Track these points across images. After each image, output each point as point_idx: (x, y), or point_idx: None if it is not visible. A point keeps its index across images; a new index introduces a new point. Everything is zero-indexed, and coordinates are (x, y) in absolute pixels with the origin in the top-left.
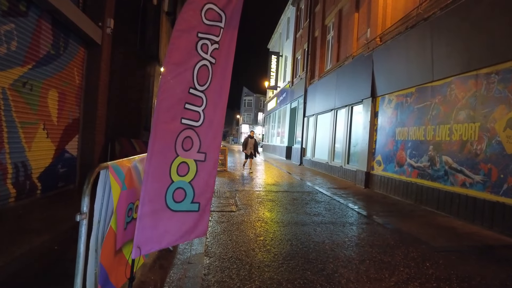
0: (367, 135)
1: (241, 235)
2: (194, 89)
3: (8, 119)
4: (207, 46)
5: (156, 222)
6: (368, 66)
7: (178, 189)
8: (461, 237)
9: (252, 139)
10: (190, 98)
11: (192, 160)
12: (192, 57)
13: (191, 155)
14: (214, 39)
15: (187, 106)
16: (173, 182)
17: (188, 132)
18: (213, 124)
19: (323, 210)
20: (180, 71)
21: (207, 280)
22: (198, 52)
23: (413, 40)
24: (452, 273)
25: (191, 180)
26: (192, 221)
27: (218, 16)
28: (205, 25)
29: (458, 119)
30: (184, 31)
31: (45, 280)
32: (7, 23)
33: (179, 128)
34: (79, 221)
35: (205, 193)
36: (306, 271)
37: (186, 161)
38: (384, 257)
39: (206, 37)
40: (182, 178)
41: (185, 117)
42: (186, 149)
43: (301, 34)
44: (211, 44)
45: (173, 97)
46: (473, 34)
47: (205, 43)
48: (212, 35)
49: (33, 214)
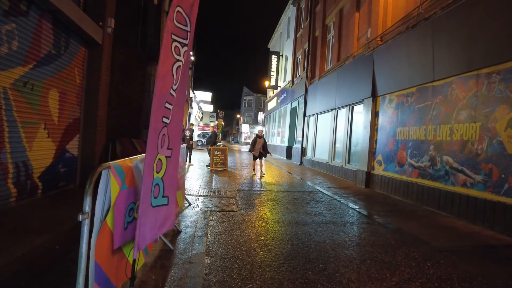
0: (368, 135)
1: (242, 234)
2: (172, 89)
3: (9, 119)
4: (179, 49)
5: (146, 219)
6: (368, 66)
7: (156, 185)
8: (462, 237)
9: (261, 139)
10: (169, 98)
11: (164, 156)
12: (171, 57)
13: (164, 151)
14: (184, 42)
15: (166, 105)
16: (154, 179)
17: (164, 130)
18: (178, 122)
19: (324, 210)
20: (166, 71)
21: (208, 279)
22: (173, 54)
23: (414, 40)
24: (454, 273)
25: (162, 175)
26: (163, 215)
27: (184, 21)
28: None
29: (459, 119)
30: (167, 32)
31: (46, 280)
32: (8, 23)
33: (161, 126)
34: (81, 220)
35: (171, 187)
36: (307, 271)
37: (161, 158)
38: (385, 257)
39: (178, 40)
40: (158, 174)
41: (164, 115)
42: (162, 146)
43: (302, 33)
44: (181, 47)
45: (160, 97)
46: (474, 34)
47: (177, 45)
48: (182, 38)
49: (34, 214)
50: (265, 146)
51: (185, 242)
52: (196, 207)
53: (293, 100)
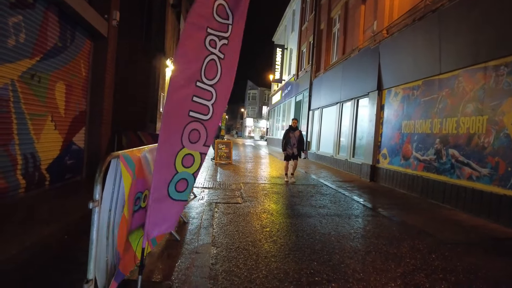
0: (373, 128)
1: (248, 226)
2: (202, 83)
3: (17, 111)
4: (215, 42)
5: (159, 209)
6: (374, 59)
7: (182, 180)
8: (467, 230)
9: (297, 131)
10: (198, 92)
11: (197, 152)
12: (201, 51)
13: (198, 147)
14: (223, 35)
15: (195, 99)
16: (177, 173)
17: (196, 125)
18: (218, 118)
19: (329, 202)
20: (188, 64)
21: (214, 269)
22: (206, 47)
23: (420, 33)
24: (458, 265)
25: (194, 171)
26: (181, 210)
27: (226, 15)
28: (216, 21)
29: (466, 112)
30: (194, 24)
31: (57, 268)
32: (15, 15)
33: (186, 120)
34: (91, 208)
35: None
36: (312, 262)
37: (191, 153)
38: (390, 248)
39: (215, 34)
40: (186, 169)
41: (193, 109)
42: (193, 141)
43: (307, 26)
44: (219, 40)
45: (180, 90)
46: (482, 26)
47: (213, 39)
48: (221, 32)
49: (43, 204)
50: (302, 140)
51: (192, 232)
52: (202, 199)
53: (297, 94)
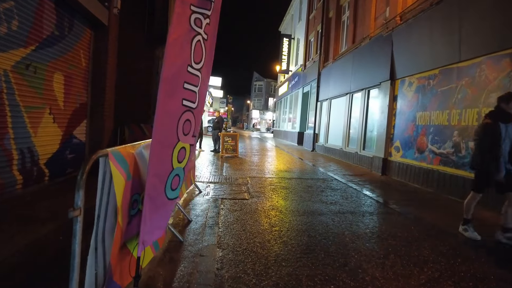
0: (385, 120)
1: (255, 225)
2: (191, 67)
3: (11, 103)
4: (201, 21)
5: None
6: (387, 47)
7: (176, 177)
8: (492, 229)
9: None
10: (189, 77)
11: (188, 144)
12: (188, 31)
13: (188, 139)
14: (207, 13)
15: (186, 86)
16: (173, 169)
17: (188, 115)
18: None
19: (340, 198)
20: (180, 46)
21: (220, 275)
22: (192, 27)
23: (438, 18)
24: (488, 271)
25: (184, 165)
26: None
27: None
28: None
29: (489, 102)
30: (182, 2)
31: (52, 271)
32: (6, 0)
33: (181, 110)
34: (71, 218)
35: (185, 178)
36: (326, 266)
37: (184, 146)
38: (410, 250)
39: (199, 11)
40: (179, 164)
41: (185, 98)
42: (186, 133)
43: (314, 15)
44: (204, 19)
45: (174, 76)
46: (509, 8)
47: (198, 17)
48: (204, 9)
49: (40, 201)
50: None
51: (195, 232)
52: (207, 194)
53: (305, 85)
